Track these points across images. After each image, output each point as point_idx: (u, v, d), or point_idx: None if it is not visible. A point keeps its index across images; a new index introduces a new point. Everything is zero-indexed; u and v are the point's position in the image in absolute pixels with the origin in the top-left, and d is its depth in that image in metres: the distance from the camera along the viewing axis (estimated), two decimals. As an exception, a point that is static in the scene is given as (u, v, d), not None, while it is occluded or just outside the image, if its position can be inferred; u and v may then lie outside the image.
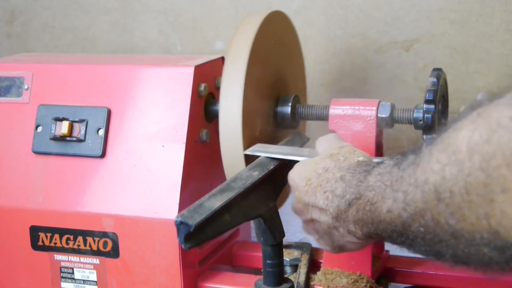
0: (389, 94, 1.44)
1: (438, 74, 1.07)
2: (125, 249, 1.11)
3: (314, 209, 0.86)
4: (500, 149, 0.53)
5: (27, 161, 1.18)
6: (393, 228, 0.70)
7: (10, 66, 1.24)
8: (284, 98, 1.19)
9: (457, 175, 0.57)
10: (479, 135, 0.55)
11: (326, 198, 0.83)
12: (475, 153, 0.55)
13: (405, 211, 0.66)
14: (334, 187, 0.82)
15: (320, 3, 1.46)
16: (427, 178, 0.62)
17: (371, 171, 0.76)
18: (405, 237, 0.69)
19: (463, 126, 0.58)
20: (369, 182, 0.75)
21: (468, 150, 0.56)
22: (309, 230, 0.91)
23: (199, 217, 0.79)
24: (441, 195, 0.60)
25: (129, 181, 1.12)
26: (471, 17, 1.36)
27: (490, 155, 0.54)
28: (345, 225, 0.81)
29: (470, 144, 0.56)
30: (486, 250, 0.58)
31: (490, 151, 0.54)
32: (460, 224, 0.59)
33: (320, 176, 0.85)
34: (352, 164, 0.83)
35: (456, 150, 0.58)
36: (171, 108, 1.13)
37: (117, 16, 1.63)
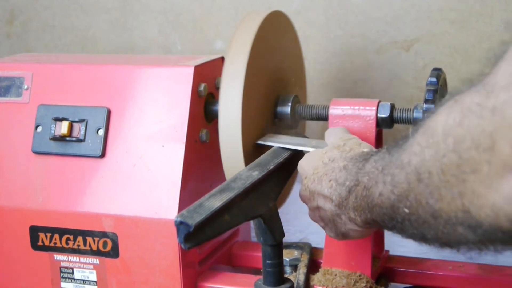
0: (389, 94, 1.44)
1: (438, 74, 1.07)
2: (125, 249, 1.11)
3: (319, 197, 0.90)
4: (469, 132, 0.56)
5: (27, 161, 1.18)
6: (385, 211, 0.74)
7: (10, 66, 1.24)
8: (284, 98, 1.19)
9: (434, 157, 0.61)
10: (453, 119, 0.59)
11: (330, 186, 0.87)
12: (449, 136, 0.59)
13: (393, 193, 0.70)
14: (338, 176, 0.86)
15: (320, 3, 1.46)
16: (410, 160, 0.66)
17: (369, 159, 0.80)
18: (395, 220, 0.72)
19: (442, 111, 0.61)
20: (366, 169, 0.79)
21: (443, 133, 0.60)
22: (315, 217, 0.95)
23: (199, 217, 0.79)
24: (421, 175, 0.63)
25: (129, 181, 1.12)
26: (471, 17, 1.36)
27: (461, 137, 0.57)
28: (346, 212, 0.85)
29: (445, 127, 0.60)
30: (461, 230, 0.61)
31: (461, 134, 0.57)
32: (438, 204, 0.62)
33: (327, 165, 0.90)
34: (356, 154, 0.88)
35: (434, 133, 0.61)
36: (171, 108, 1.13)
37: (117, 16, 1.63)
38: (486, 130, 0.54)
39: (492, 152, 0.54)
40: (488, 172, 0.54)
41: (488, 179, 0.55)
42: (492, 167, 0.54)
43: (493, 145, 0.54)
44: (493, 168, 0.54)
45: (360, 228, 0.86)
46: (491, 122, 0.54)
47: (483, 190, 0.55)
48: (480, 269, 1.16)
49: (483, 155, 0.55)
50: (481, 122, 0.55)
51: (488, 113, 0.54)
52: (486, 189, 0.55)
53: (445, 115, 0.60)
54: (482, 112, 0.55)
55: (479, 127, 0.55)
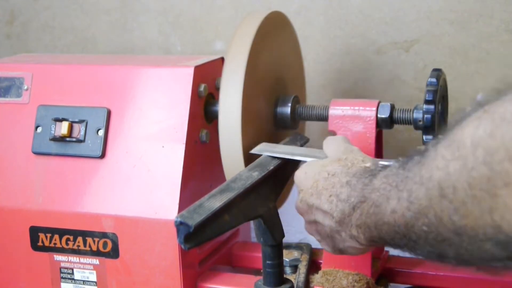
0: (389, 94, 1.44)
1: (438, 74, 1.07)
2: (125, 250, 1.11)
3: (318, 212, 0.86)
4: (503, 143, 0.53)
5: (27, 162, 1.18)
6: (396, 229, 0.70)
7: (10, 67, 1.24)
8: (284, 98, 1.19)
9: (461, 170, 0.58)
10: (483, 130, 0.56)
11: (330, 202, 0.83)
12: (479, 148, 0.56)
13: (409, 210, 0.66)
14: (339, 192, 0.82)
15: (319, 4, 1.46)
16: (432, 175, 0.62)
17: (377, 175, 0.76)
18: (407, 238, 0.69)
19: (469, 123, 0.58)
20: (375, 185, 0.75)
21: (472, 145, 0.56)
22: (311, 231, 0.92)
23: (199, 217, 0.79)
24: (445, 191, 0.60)
25: (129, 182, 1.12)
26: (471, 18, 1.36)
27: (493, 149, 0.54)
28: (348, 230, 0.81)
29: (474, 139, 0.56)
30: (489, 246, 0.58)
31: (494, 145, 0.54)
32: (464, 220, 0.59)
33: (327, 180, 0.86)
34: (359, 170, 0.84)
35: (460, 145, 0.58)
36: (171, 108, 1.13)
37: (117, 16, 1.63)
38: None
39: None
40: None
41: None
42: None
43: None
44: None
45: (362, 246, 0.82)
46: None
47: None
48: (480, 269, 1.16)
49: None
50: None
51: None
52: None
53: (474, 126, 0.57)
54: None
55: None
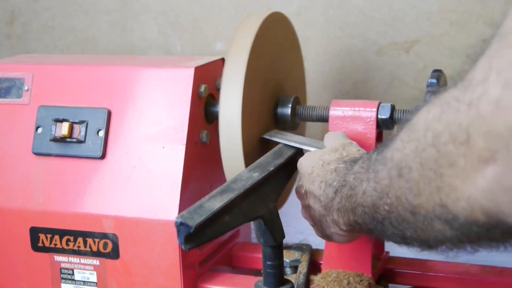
0: (389, 95, 1.44)
1: (438, 75, 1.07)
2: (125, 250, 1.11)
3: (311, 196, 0.92)
4: (447, 126, 0.57)
5: (27, 162, 1.18)
6: (366, 210, 0.75)
7: (10, 67, 1.24)
8: (284, 99, 1.19)
9: (415, 152, 0.62)
10: (433, 114, 0.60)
11: (320, 187, 0.89)
12: (429, 131, 0.60)
13: (375, 190, 0.71)
14: (328, 178, 0.88)
15: (320, 4, 1.46)
16: (392, 156, 0.67)
17: (358, 160, 0.82)
18: (376, 220, 0.73)
19: (424, 107, 0.63)
20: (354, 169, 0.81)
21: (424, 128, 0.61)
22: (305, 215, 0.98)
23: (199, 218, 0.79)
24: (402, 170, 0.65)
25: (129, 182, 1.12)
26: (472, 18, 1.36)
27: (439, 132, 0.58)
28: (331, 214, 0.86)
29: (426, 122, 0.61)
30: (439, 225, 0.62)
31: (440, 128, 0.58)
32: (417, 199, 0.63)
33: (322, 167, 0.91)
34: (350, 159, 0.89)
35: (415, 128, 0.63)
36: (171, 109, 1.13)
37: (117, 17, 1.63)
38: (463, 124, 0.55)
39: (468, 146, 0.55)
40: (464, 166, 0.55)
41: (464, 173, 0.55)
42: (468, 160, 0.55)
43: (469, 139, 0.54)
44: (469, 162, 0.55)
45: (342, 232, 0.87)
46: (467, 116, 0.55)
47: (459, 183, 0.56)
48: (480, 270, 1.16)
49: (460, 149, 0.55)
50: (458, 116, 0.56)
51: (464, 107, 0.55)
52: (462, 182, 0.56)
53: (426, 110, 0.61)
54: (459, 106, 0.56)
55: (456, 121, 0.56)
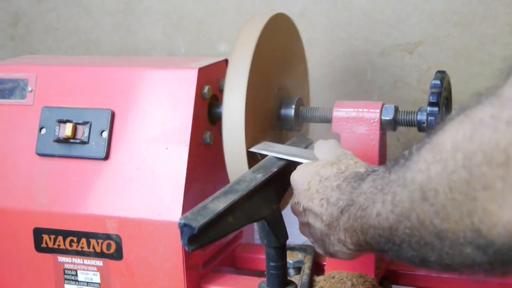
0: (393, 96, 1.44)
1: (442, 76, 1.07)
2: (129, 251, 1.11)
3: (310, 214, 0.87)
4: (481, 146, 0.53)
5: (31, 163, 1.18)
6: (381, 233, 0.70)
7: (14, 68, 1.25)
8: (288, 100, 1.19)
9: (442, 174, 0.58)
10: (463, 133, 0.56)
11: (321, 205, 0.84)
12: (458, 151, 0.56)
13: (393, 212, 0.67)
14: (330, 195, 0.83)
15: (323, 6, 1.46)
16: (414, 178, 0.62)
17: (365, 178, 0.77)
18: (392, 242, 0.69)
19: (450, 127, 0.58)
20: (362, 189, 0.76)
21: (452, 148, 0.57)
22: (304, 232, 0.93)
23: (203, 219, 0.79)
24: (426, 193, 0.60)
25: (132, 183, 1.12)
26: (475, 20, 1.36)
27: (472, 153, 0.54)
28: (336, 234, 0.82)
29: (454, 142, 0.57)
30: (469, 250, 0.58)
31: (472, 149, 0.54)
32: (445, 223, 0.59)
33: (320, 183, 0.86)
34: (351, 174, 0.84)
35: (442, 149, 0.58)
36: (175, 110, 1.13)
37: (120, 18, 1.63)
38: (500, 143, 0.51)
39: (507, 168, 0.51)
40: (503, 189, 0.51)
41: (502, 197, 0.52)
42: (507, 183, 0.51)
43: (508, 160, 0.51)
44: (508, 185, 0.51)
45: (349, 251, 0.83)
46: (506, 135, 0.51)
47: (495, 208, 0.53)
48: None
49: (497, 170, 0.52)
50: (495, 135, 0.52)
51: (503, 125, 0.52)
52: (499, 207, 0.52)
53: (454, 130, 0.57)
54: (496, 124, 0.52)
55: (492, 140, 0.52)
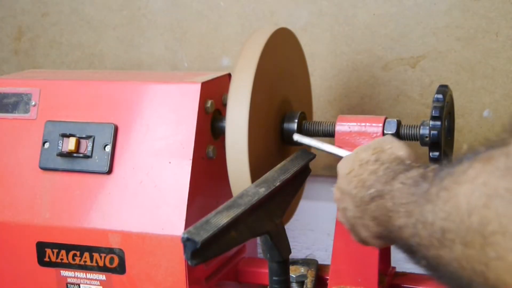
0: (395, 110, 1.44)
1: (444, 90, 1.07)
2: (132, 265, 1.11)
3: (347, 197, 0.88)
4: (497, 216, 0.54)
5: (34, 177, 1.18)
6: (402, 243, 0.72)
7: (17, 83, 1.25)
8: (291, 114, 1.19)
9: (458, 230, 0.58)
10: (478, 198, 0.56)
11: (356, 187, 0.86)
12: (473, 215, 0.56)
13: (413, 238, 0.68)
14: (366, 179, 0.85)
15: (326, 20, 1.46)
16: (434, 221, 0.63)
17: (398, 176, 0.78)
18: (411, 256, 0.71)
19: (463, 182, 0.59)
20: (393, 187, 0.77)
21: (468, 209, 0.57)
22: (342, 219, 0.93)
23: (206, 233, 0.79)
24: (445, 241, 0.61)
25: (135, 197, 1.12)
26: (477, 34, 1.36)
27: (487, 220, 0.55)
28: (364, 217, 0.83)
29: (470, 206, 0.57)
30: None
31: (488, 216, 0.55)
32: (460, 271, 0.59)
33: (361, 167, 0.88)
34: (389, 159, 0.86)
35: (457, 205, 0.59)
36: (178, 124, 1.13)
37: (124, 32, 1.64)
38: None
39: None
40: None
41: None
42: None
43: None
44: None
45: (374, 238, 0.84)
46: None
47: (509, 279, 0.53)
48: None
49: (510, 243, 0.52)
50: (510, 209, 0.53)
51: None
52: None
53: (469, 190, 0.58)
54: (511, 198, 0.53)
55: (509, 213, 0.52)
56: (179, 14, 1.58)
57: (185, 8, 1.57)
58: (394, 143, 0.91)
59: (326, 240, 1.50)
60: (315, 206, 1.45)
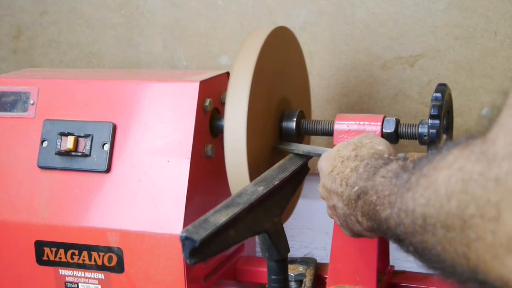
0: (394, 109, 1.44)
1: (443, 89, 1.07)
2: (130, 264, 1.11)
3: (334, 195, 0.91)
4: (474, 199, 0.55)
5: (32, 176, 1.18)
6: (391, 234, 0.74)
7: (16, 81, 1.25)
8: (289, 113, 1.19)
9: (439, 214, 0.60)
10: (455, 182, 0.58)
11: (341, 185, 0.88)
12: (452, 199, 0.58)
13: (398, 227, 0.70)
14: (348, 176, 0.87)
15: (325, 19, 1.46)
16: (415, 208, 0.65)
17: (379, 170, 0.81)
18: (400, 245, 0.73)
19: (442, 168, 0.61)
20: (375, 182, 0.80)
21: (446, 195, 0.59)
22: (331, 215, 0.96)
23: (204, 232, 0.79)
24: (427, 227, 0.63)
25: (134, 196, 1.12)
26: (476, 33, 1.36)
27: (465, 203, 0.56)
28: (355, 214, 0.86)
29: (448, 190, 0.59)
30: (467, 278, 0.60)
31: (466, 199, 0.56)
32: (443, 254, 0.61)
33: (342, 163, 0.91)
34: (369, 154, 0.88)
35: (437, 190, 0.61)
36: (176, 123, 1.13)
37: (122, 31, 1.64)
38: (492, 200, 0.53)
39: (497, 223, 0.53)
40: (493, 243, 0.53)
41: (493, 250, 0.54)
42: (497, 238, 0.53)
43: (499, 216, 0.53)
44: (498, 240, 0.53)
45: (367, 232, 0.87)
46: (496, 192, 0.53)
47: (488, 258, 0.54)
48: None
49: (488, 224, 0.54)
50: (486, 192, 0.54)
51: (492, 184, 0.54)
52: (492, 259, 0.54)
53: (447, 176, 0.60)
54: (486, 183, 0.54)
55: (484, 196, 0.54)
56: (177, 13, 1.58)
57: (184, 7, 1.57)
58: (373, 139, 0.95)
59: (324, 238, 1.50)
60: (314, 205, 1.45)
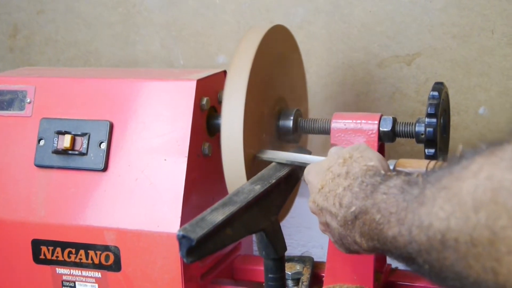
0: (391, 107, 1.44)
1: (440, 88, 1.07)
2: (127, 263, 1.11)
3: (327, 214, 0.86)
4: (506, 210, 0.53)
5: (29, 175, 1.18)
6: (399, 253, 0.70)
7: (12, 80, 1.25)
8: (286, 112, 1.19)
9: (463, 227, 0.57)
10: (483, 192, 0.55)
11: (334, 204, 0.83)
12: (481, 210, 0.55)
13: (410, 244, 0.66)
14: (342, 195, 0.82)
15: (322, 18, 1.46)
16: (431, 223, 0.61)
17: (378, 188, 0.76)
18: (410, 264, 0.69)
19: (466, 178, 0.58)
20: (376, 200, 0.75)
21: (474, 205, 0.56)
22: (324, 231, 0.91)
23: (201, 231, 0.79)
24: (447, 242, 0.59)
25: (131, 195, 1.12)
26: (473, 31, 1.36)
27: (496, 214, 0.54)
28: (352, 235, 0.81)
29: (476, 201, 0.56)
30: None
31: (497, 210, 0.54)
32: (466, 271, 0.58)
33: (333, 181, 0.85)
34: (361, 171, 0.83)
35: (461, 202, 0.57)
36: (173, 121, 1.13)
37: (119, 30, 1.64)
38: None
39: None
40: None
41: None
42: None
43: None
44: None
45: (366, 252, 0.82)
46: None
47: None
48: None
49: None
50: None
51: None
52: None
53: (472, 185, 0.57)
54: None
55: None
56: (174, 12, 1.58)
57: (181, 5, 1.57)
58: (364, 153, 0.88)
59: (321, 237, 1.49)
60: (311, 204, 1.45)
